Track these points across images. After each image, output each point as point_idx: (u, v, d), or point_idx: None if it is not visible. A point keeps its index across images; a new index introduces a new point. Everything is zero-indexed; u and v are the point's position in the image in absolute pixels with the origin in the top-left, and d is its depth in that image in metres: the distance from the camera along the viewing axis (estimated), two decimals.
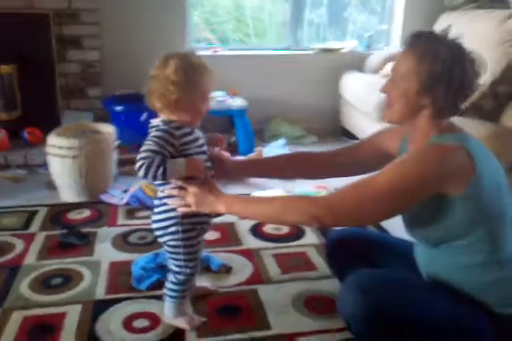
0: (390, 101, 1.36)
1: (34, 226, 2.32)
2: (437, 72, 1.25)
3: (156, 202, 1.55)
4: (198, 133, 1.51)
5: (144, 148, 1.38)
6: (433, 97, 1.28)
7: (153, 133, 1.42)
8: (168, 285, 1.59)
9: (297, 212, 1.35)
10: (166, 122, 1.44)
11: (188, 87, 1.40)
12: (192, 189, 1.44)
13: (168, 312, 1.62)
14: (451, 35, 1.29)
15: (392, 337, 1.33)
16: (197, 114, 1.47)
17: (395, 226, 2.12)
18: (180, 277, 1.56)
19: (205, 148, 1.53)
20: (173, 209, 1.49)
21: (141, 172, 1.36)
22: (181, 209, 1.47)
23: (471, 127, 1.42)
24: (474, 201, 1.27)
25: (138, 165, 1.36)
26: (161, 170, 1.35)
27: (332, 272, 1.81)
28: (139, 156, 1.37)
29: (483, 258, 1.31)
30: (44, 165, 2.83)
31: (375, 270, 1.54)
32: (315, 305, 1.77)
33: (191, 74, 1.40)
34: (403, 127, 1.45)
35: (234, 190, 2.61)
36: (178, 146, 1.42)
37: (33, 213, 2.46)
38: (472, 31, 2.91)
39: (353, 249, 1.66)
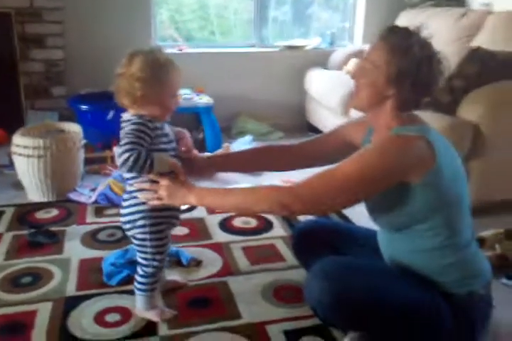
0: (357, 89, 1.40)
1: (1, 227, 2.29)
2: (406, 67, 1.30)
3: (125, 196, 1.57)
4: (167, 129, 1.53)
5: (125, 141, 1.39)
6: (398, 90, 1.33)
7: (129, 126, 1.42)
8: (137, 278, 1.61)
9: (267, 200, 1.38)
10: (139, 116, 1.45)
11: (155, 83, 1.42)
12: (164, 182, 1.46)
13: (139, 305, 1.64)
14: (424, 33, 1.33)
15: (357, 322, 1.39)
16: (165, 108, 1.48)
17: (359, 216, 2.19)
18: (148, 270, 1.58)
19: (174, 144, 1.55)
20: (142, 203, 1.51)
21: (128, 165, 1.36)
22: (153, 202, 1.49)
23: (430, 119, 1.47)
24: (434, 188, 1.33)
25: (124, 157, 1.36)
26: (148, 162, 1.38)
27: (299, 263, 1.85)
28: (123, 149, 1.37)
29: (440, 242, 1.37)
30: (9, 165, 2.80)
31: (340, 257, 1.59)
32: (283, 294, 1.81)
33: (157, 70, 1.42)
34: (367, 118, 1.50)
35: (204, 185, 2.64)
36: (152, 138, 1.44)
37: (0, 214, 2.43)
38: (430, 28, 3.01)
39: (319, 239, 1.70)
